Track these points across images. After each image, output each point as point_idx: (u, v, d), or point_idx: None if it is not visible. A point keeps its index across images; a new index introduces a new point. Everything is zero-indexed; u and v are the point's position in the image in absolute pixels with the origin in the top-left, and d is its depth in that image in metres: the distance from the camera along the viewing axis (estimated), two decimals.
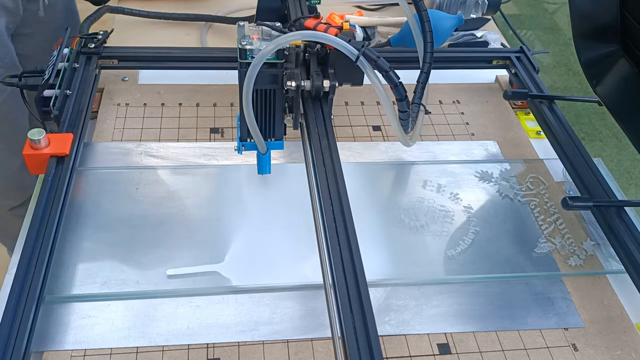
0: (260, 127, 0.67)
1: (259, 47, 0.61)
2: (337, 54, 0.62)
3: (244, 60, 0.62)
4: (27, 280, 0.61)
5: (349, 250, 0.59)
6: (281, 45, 0.59)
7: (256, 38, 0.63)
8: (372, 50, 0.61)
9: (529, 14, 3.00)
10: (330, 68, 0.68)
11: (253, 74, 0.60)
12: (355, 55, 0.60)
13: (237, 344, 0.65)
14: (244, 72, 0.61)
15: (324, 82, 0.68)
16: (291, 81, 0.66)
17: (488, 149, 0.92)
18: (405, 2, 0.71)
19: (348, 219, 0.61)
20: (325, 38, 0.60)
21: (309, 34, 0.61)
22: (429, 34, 0.67)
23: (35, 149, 0.73)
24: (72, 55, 0.88)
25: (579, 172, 0.81)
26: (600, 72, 0.86)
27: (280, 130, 0.71)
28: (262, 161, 0.73)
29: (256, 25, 0.63)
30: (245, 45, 0.61)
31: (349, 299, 0.55)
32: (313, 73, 0.69)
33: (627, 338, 0.69)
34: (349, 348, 0.52)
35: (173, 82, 0.98)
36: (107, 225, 0.74)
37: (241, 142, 0.70)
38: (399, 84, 0.62)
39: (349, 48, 0.60)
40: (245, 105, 0.62)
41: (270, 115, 0.69)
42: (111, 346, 0.63)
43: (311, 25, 0.66)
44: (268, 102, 0.67)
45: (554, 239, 0.79)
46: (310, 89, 0.69)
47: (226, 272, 0.71)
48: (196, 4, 1.21)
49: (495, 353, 0.67)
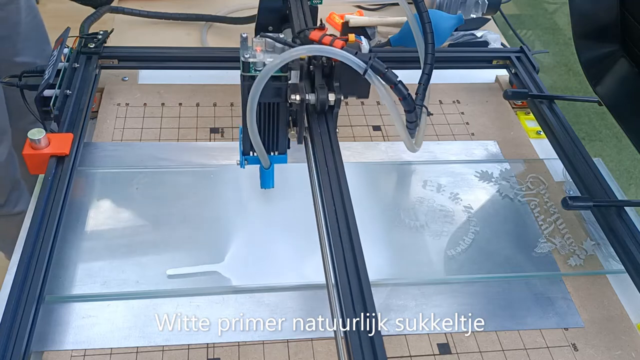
0: (263, 140, 0.65)
1: (263, 60, 0.60)
2: (343, 66, 0.61)
3: (247, 73, 0.60)
4: (27, 280, 0.61)
5: (352, 250, 0.59)
6: (287, 60, 0.58)
7: (259, 50, 0.61)
8: (380, 62, 0.60)
9: (529, 14, 3.00)
10: (336, 81, 0.66)
11: (258, 90, 0.58)
12: (363, 68, 0.59)
13: (237, 344, 0.65)
14: (247, 85, 0.60)
15: (329, 96, 0.66)
16: (295, 94, 0.64)
17: (488, 148, 0.92)
18: (405, 3, 0.71)
19: (351, 219, 0.61)
20: (331, 52, 0.59)
21: (315, 48, 0.60)
22: (430, 35, 0.67)
23: (35, 149, 0.72)
24: (72, 55, 0.88)
25: (579, 172, 0.81)
26: (600, 72, 0.86)
27: (284, 144, 0.69)
28: (265, 175, 0.72)
29: (259, 37, 0.62)
30: (249, 58, 0.60)
31: (351, 298, 0.55)
32: (318, 86, 0.67)
33: (627, 338, 0.69)
34: (352, 347, 0.51)
35: (173, 82, 0.98)
36: (107, 225, 0.74)
37: (243, 156, 0.69)
38: (407, 95, 0.61)
39: (356, 61, 0.59)
40: (249, 119, 0.61)
41: (274, 129, 0.67)
42: (111, 346, 0.63)
43: (316, 37, 0.63)
44: (271, 115, 0.66)
45: (554, 238, 0.79)
46: (315, 102, 0.66)
47: (226, 272, 0.71)
48: (196, 3, 1.21)
49: (495, 353, 0.67)
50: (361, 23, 1.13)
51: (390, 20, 1.17)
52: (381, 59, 0.60)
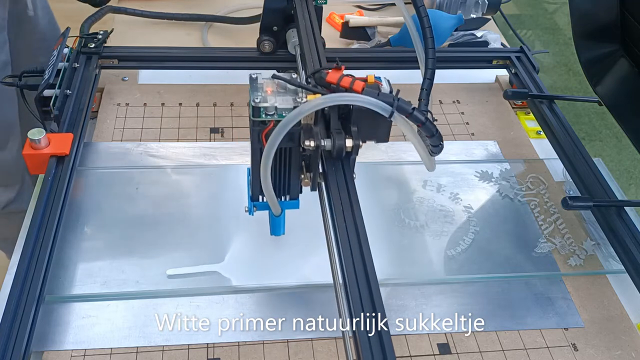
0: (273, 185, 0.60)
1: (274, 104, 0.55)
2: (361, 108, 0.56)
3: (257, 118, 0.56)
4: (27, 280, 0.61)
5: (359, 249, 0.58)
6: (310, 111, 0.54)
7: (270, 91, 0.57)
8: (405, 102, 0.56)
9: (529, 14, 3.00)
10: (354, 125, 0.59)
11: (276, 141, 0.54)
12: (389, 111, 0.55)
13: (237, 344, 0.65)
14: (258, 130, 0.56)
15: (346, 142, 0.59)
16: (310, 140, 0.58)
17: (488, 148, 0.92)
18: (404, 7, 0.70)
19: (358, 219, 0.60)
20: (355, 99, 0.54)
21: (336, 98, 0.55)
22: (431, 39, 0.66)
23: (35, 149, 0.72)
24: (72, 55, 0.88)
25: (579, 172, 0.81)
26: (600, 72, 0.86)
27: (296, 189, 0.64)
28: (276, 222, 0.66)
29: (271, 78, 0.57)
30: (259, 102, 0.55)
31: (360, 298, 0.55)
32: (334, 131, 0.60)
33: (627, 338, 0.69)
34: (361, 346, 0.51)
35: (173, 82, 0.98)
36: (107, 225, 0.74)
37: (252, 202, 0.64)
38: (436, 132, 0.57)
39: (382, 105, 0.54)
40: (264, 173, 0.56)
41: (286, 175, 0.62)
42: (111, 346, 0.63)
43: (334, 80, 0.57)
44: (283, 161, 0.61)
45: (554, 238, 0.79)
46: (331, 148, 0.59)
47: (226, 272, 0.71)
48: (196, 3, 1.21)
49: (495, 353, 0.67)
50: (361, 23, 1.13)
51: (390, 20, 1.17)
52: (381, 59, 0.59)
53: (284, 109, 0.56)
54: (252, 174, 0.62)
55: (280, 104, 0.56)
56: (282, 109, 0.56)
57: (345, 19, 1.13)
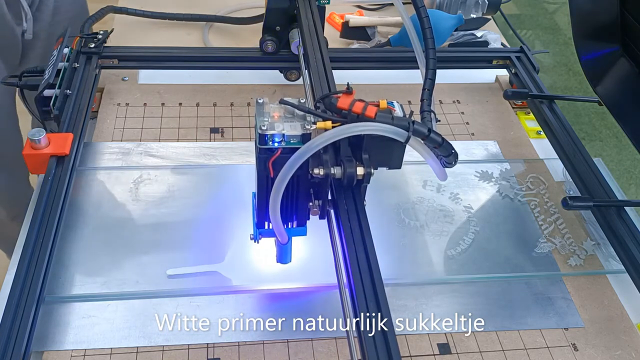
0: (280, 214, 0.58)
1: (282, 132, 0.53)
2: (371, 135, 0.54)
3: (263, 146, 0.54)
4: (27, 280, 0.61)
5: (364, 249, 0.58)
6: (329, 141, 0.51)
7: (277, 117, 0.54)
8: (420, 124, 0.54)
9: (529, 14, 3.00)
10: (365, 152, 0.57)
11: (285, 178, 0.52)
12: (405, 136, 0.53)
13: (237, 344, 0.65)
14: (264, 158, 0.54)
15: (357, 170, 0.56)
16: (319, 168, 0.55)
17: (488, 148, 0.92)
18: (402, 8, 0.70)
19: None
20: (370, 128, 0.52)
21: (351, 128, 0.52)
22: (431, 40, 0.65)
23: (35, 149, 0.73)
24: (72, 55, 0.88)
25: (579, 172, 0.81)
26: (600, 72, 0.86)
27: (304, 217, 0.62)
28: (282, 250, 0.64)
29: (278, 103, 0.55)
30: (266, 130, 0.53)
31: (365, 298, 0.55)
32: (344, 158, 0.57)
33: (627, 338, 0.69)
34: (366, 346, 0.51)
35: (173, 82, 0.98)
36: (107, 225, 0.74)
37: (258, 229, 0.62)
38: (453, 152, 0.56)
39: (399, 131, 0.53)
40: (272, 205, 0.54)
41: (293, 203, 0.60)
42: (111, 346, 0.63)
43: (346, 105, 0.54)
44: (291, 189, 0.58)
45: (554, 238, 0.79)
46: (341, 177, 0.57)
47: (226, 272, 0.71)
48: (196, 3, 1.21)
49: (495, 353, 0.67)
50: (361, 23, 1.13)
51: (390, 20, 1.17)
52: (381, 59, 0.58)
53: (292, 135, 0.53)
54: (257, 200, 0.60)
55: (289, 130, 0.53)
56: (290, 136, 0.53)
57: (346, 19, 1.13)
